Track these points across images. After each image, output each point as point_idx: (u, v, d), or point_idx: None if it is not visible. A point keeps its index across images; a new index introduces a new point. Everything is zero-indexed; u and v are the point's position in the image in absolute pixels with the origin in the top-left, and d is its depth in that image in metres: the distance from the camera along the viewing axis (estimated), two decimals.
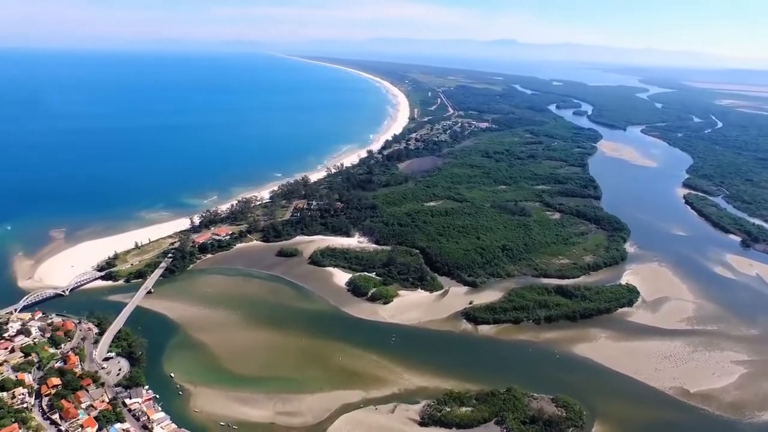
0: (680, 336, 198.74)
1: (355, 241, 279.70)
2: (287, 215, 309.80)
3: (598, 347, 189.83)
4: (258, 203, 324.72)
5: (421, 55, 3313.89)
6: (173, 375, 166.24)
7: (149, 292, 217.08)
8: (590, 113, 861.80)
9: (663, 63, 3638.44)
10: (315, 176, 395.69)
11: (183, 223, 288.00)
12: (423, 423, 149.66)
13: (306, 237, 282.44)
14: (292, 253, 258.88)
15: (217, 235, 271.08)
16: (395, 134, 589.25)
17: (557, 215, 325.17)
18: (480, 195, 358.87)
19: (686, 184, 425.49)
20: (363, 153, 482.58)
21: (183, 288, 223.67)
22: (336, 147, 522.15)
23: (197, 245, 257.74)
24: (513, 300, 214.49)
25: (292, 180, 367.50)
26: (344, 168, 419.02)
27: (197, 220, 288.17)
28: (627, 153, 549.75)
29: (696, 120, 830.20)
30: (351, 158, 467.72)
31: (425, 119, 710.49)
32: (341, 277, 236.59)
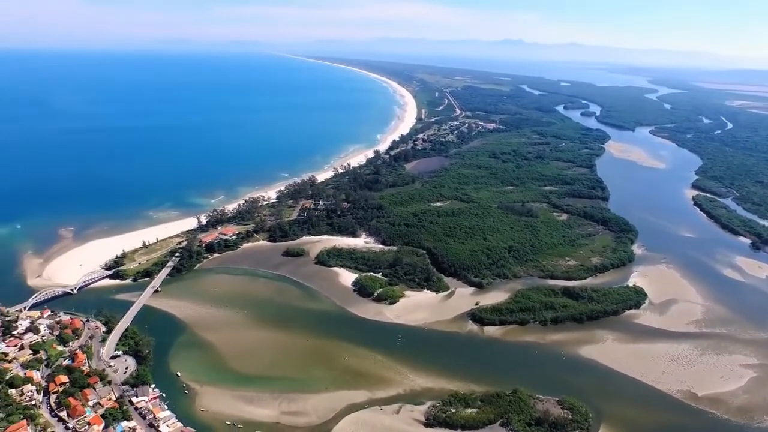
0: (688, 339, 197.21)
1: (362, 242, 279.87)
2: (294, 215, 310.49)
3: (605, 349, 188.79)
4: (265, 203, 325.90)
5: (428, 56, 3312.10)
6: (179, 374, 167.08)
7: (156, 291, 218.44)
8: (598, 114, 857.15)
9: (673, 63, 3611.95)
10: (322, 176, 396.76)
11: (190, 223, 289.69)
12: (428, 424, 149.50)
13: (312, 237, 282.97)
14: (299, 253, 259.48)
15: (224, 235, 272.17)
16: (402, 134, 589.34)
17: (564, 216, 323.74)
18: (487, 196, 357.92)
19: (695, 186, 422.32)
20: (370, 153, 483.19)
21: (190, 287, 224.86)
22: (343, 147, 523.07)
23: (204, 244, 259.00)
24: (519, 301, 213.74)
25: (299, 180, 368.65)
26: (351, 168, 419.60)
27: (204, 220, 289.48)
28: (635, 154, 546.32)
29: (706, 121, 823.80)
30: (358, 158, 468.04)
31: (432, 119, 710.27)
32: (347, 277, 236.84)
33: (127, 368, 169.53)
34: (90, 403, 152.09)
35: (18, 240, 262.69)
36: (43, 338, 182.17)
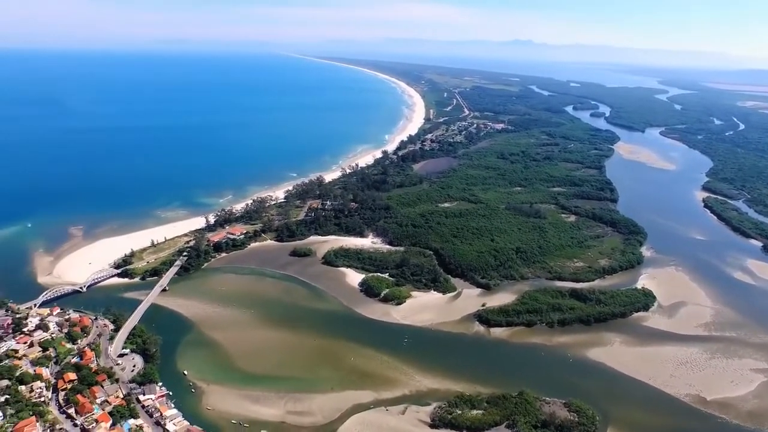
0: (697, 342, 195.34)
1: (369, 242, 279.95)
2: (301, 215, 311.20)
3: (613, 352, 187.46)
4: (273, 203, 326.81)
5: (437, 56, 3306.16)
6: (186, 372, 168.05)
7: (164, 290, 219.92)
8: (608, 115, 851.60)
9: (682, 64, 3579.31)
10: (330, 176, 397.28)
11: (198, 222, 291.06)
12: (434, 425, 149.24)
13: (320, 237, 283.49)
14: (306, 253, 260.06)
15: (232, 234, 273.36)
16: (410, 135, 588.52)
17: (573, 218, 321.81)
18: (495, 197, 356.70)
19: (706, 188, 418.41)
20: (378, 153, 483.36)
21: (197, 286, 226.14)
22: (351, 147, 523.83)
23: (212, 244, 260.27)
24: (526, 303, 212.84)
25: (307, 180, 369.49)
26: (359, 168, 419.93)
27: (212, 219, 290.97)
28: (645, 155, 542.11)
29: (717, 122, 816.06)
30: (366, 158, 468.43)
31: (441, 120, 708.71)
32: (354, 278, 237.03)
33: (135, 366, 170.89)
34: (98, 401, 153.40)
35: (29, 238, 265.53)
36: (53, 335, 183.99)
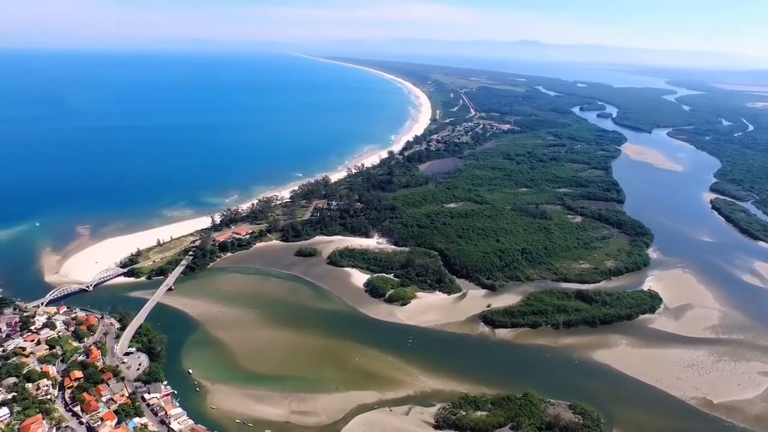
0: (704, 345, 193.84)
1: (374, 242, 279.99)
2: (307, 215, 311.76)
3: (618, 354, 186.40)
4: (278, 203, 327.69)
5: (443, 56, 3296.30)
6: (191, 371, 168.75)
7: (170, 289, 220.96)
8: (615, 115, 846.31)
9: (693, 64, 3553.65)
10: (335, 176, 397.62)
11: (204, 222, 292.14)
12: (438, 426, 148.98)
13: (325, 237, 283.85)
14: (311, 253, 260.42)
15: (237, 234, 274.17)
16: (416, 135, 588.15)
17: (579, 219, 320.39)
18: (500, 197, 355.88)
19: (713, 189, 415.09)
20: (384, 154, 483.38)
21: (203, 286, 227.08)
22: (357, 147, 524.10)
23: (217, 244, 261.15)
24: (532, 304, 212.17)
25: (313, 180, 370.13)
26: (365, 168, 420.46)
27: (218, 219, 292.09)
28: (652, 156, 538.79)
29: (725, 123, 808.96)
30: (372, 159, 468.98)
31: (447, 120, 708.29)
32: (359, 278, 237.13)
33: (140, 365, 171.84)
34: (103, 399, 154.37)
35: (36, 237, 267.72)
36: (59, 334, 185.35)
